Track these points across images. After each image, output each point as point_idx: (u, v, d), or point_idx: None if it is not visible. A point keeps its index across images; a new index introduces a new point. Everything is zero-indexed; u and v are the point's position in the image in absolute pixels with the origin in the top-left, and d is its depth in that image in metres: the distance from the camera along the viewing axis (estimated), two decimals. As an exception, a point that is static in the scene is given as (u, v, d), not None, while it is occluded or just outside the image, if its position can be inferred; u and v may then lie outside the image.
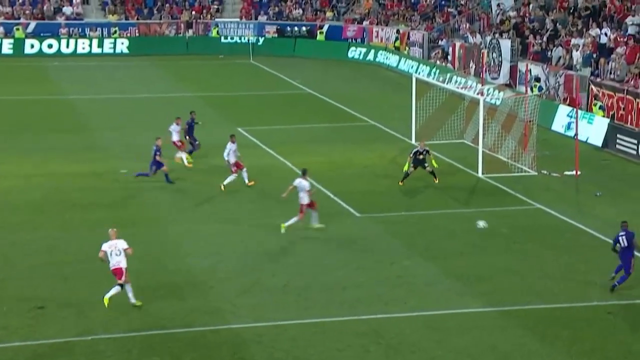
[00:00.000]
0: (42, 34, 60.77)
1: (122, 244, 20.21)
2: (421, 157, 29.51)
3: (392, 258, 23.12)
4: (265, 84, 50.69)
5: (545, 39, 44.72)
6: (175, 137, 31.77)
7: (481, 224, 25.11)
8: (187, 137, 32.51)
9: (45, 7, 62.77)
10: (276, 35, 62.75)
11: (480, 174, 31.09)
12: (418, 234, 25.14)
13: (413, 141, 35.11)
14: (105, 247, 20.29)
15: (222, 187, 28.65)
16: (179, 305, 20.05)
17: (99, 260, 20.18)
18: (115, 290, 19.81)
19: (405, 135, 36.21)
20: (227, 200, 28.12)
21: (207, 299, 20.48)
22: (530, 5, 49.37)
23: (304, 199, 25.07)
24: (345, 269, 22.28)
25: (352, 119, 40.97)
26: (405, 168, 29.66)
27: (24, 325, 19.09)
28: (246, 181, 29.18)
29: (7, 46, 59.77)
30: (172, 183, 29.33)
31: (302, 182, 25.16)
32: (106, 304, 19.52)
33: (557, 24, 45.33)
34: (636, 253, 21.18)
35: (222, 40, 62.26)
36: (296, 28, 62.89)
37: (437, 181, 29.63)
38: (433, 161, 30.23)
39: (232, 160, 28.99)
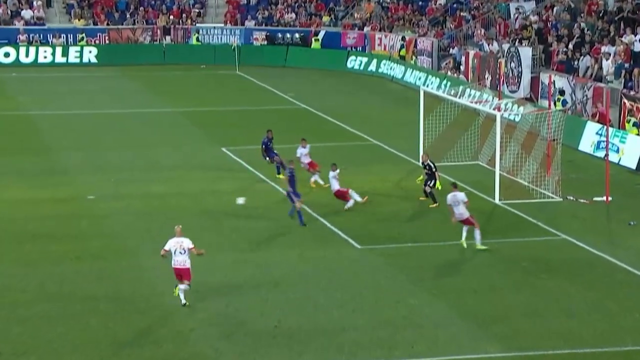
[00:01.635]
0: (-3, 41, 61.06)
1: (187, 242, 21.85)
2: (426, 171, 30.62)
3: (397, 296, 23.16)
4: (252, 98, 50.92)
5: (571, 46, 44.97)
6: (305, 160, 32.90)
7: (240, 200, 28.15)
8: (267, 158, 33.78)
9: (1, 11, 62.99)
10: (265, 42, 63.08)
11: (497, 200, 31.21)
12: (426, 269, 25.20)
13: (420, 163, 35.21)
14: (170, 244, 21.91)
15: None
16: (153, 351, 20.07)
17: (55, 299, 20.17)
18: (183, 292, 21.87)
19: (411, 155, 36.34)
20: (208, 227, 28.21)
21: (186, 343, 20.49)
22: (554, 9, 49.69)
23: (464, 213, 26.42)
24: (344, 308, 22.32)
25: (352, 137, 41.11)
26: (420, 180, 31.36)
27: (-25, 374, 19.10)
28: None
29: (-43, 55, 60.08)
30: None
31: (457, 195, 26.66)
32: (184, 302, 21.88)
33: (586, 30, 45.59)
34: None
35: (204, 48, 62.52)
36: (288, 35, 63.26)
37: (436, 205, 29.88)
38: (438, 183, 30.66)
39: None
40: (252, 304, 22.61)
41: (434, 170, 30.89)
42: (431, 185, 30.75)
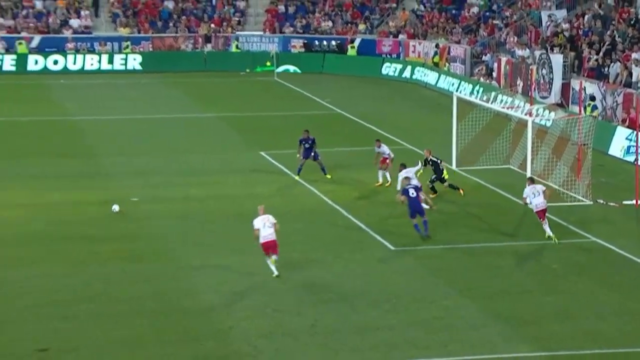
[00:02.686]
0: (46, 49, 61.64)
1: (272, 218, 24.30)
2: (431, 167, 31.57)
3: (431, 297, 23.12)
4: (290, 104, 51.04)
5: (601, 53, 44.67)
6: (380, 158, 33.48)
7: (115, 208, 29.04)
8: (303, 159, 33.82)
9: (50, 20, 63.61)
10: (303, 49, 63.16)
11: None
12: (459, 270, 25.13)
13: (454, 166, 35.18)
14: (258, 223, 24.17)
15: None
16: (195, 349, 20.17)
17: (101, 298, 20.28)
18: (273, 264, 24.04)
19: (445, 160, 36.20)
20: (245, 230, 28.25)
21: (226, 341, 20.58)
22: (585, 17, 49.38)
23: (542, 203, 27.32)
24: (379, 309, 22.31)
25: (386, 142, 40.91)
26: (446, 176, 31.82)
27: (24, 369, 19.31)
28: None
29: (9, 62, 60.66)
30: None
31: (536, 187, 27.56)
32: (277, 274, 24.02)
33: (616, 37, 45.27)
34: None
35: (243, 55, 62.67)
36: (325, 42, 63.32)
37: (462, 191, 31.13)
38: (445, 172, 31.76)
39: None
40: (289, 303, 22.66)
41: (439, 163, 31.55)
42: (441, 178, 31.45)
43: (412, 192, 27.35)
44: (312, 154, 33.78)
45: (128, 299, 22.93)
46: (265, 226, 24.16)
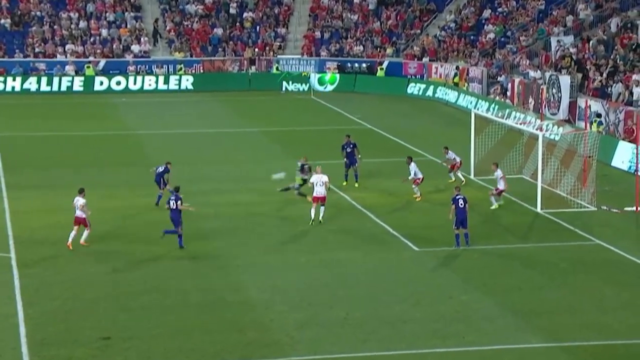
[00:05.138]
0: (111, 72, 62.03)
1: (325, 177, 28.43)
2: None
3: (450, 293, 22.92)
4: (325, 119, 50.93)
5: (605, 75, 44.23)
6: (448, 164, 34.21)
7: (278, 175, 30.22)
8: (347, 168, 34.00)
9: (114, 46, 64.10)
10: (337, 71, 63.08)
11: (539, 209, 30.73)
12: (476, 269, 24.90)
13: (472, 176, 34.92)
14: (314, 179, 28.45)
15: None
16: (238, 338, 20.11)
17: (156, 292, 20.28)
18: (320, 213, 28.04)
19: (464, 170, 35.96)
20: (285, 232, 28.25)
21: (266, 332, 20.51)
22: (591, 42, 48.91)
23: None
24: (404, 303, 22.15)
25: (411, 153, 40.74)
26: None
27: (88, 355, 19.31)
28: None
29: (78, 83, 61.08)
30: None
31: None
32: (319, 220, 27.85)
33: (618, 60, 44.84)
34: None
35: (284, 84, 62.40)
36: (356, 64, 63.20)
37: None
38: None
39: (420, 175, 32.16)
40: (323, 298, 22.54)
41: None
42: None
43: (461, 203, 26.12)
44: (353, 157, 33.75)
45: (178, 292, 22.92)
46: (318, 184, 28.31)
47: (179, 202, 26.47)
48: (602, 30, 49.22)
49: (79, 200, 26.56)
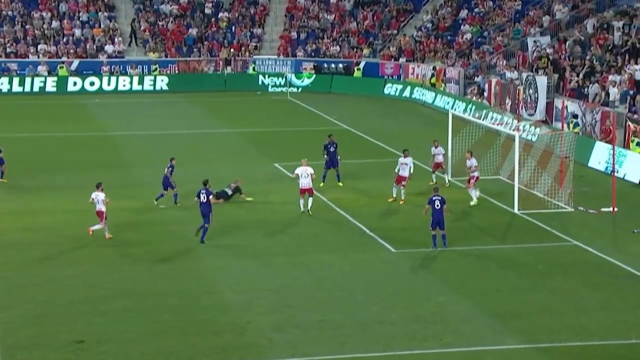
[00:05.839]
0: (84, 72, 61.70)
1: (310, 170, 29.20)
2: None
3: (428, 294, 22.99)
4: (301, 120, 50.94)
5: (582, 75, 44.53)
6: (436, 160, 34.05)
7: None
8: (326, 168, 33.80)
9: (88, 46, 63.78)
10: (313, 71, 63.11)
11: (516, 210, 30.89)
12: (453, 271, 24.99)
13: (449, 177, 35.03)
14: (298, 170, 29.25)
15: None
16: (214, 340, 20.08)
17: (131, 295, 20.24)
18: (308, 204, 28.96)
19: (440, 171, 36.06)
20: (262, 234, 28.22)
21: (243, 334, 20.48)
22: (567, 43, 49.23)
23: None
24: (381, 305, 22.19)
25: (388, 154, 40.93)
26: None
27: (62, 359, 19.19)
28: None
29: (51, 84, 60.74)
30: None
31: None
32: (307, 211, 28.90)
33: (594, 61, 45.16)
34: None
35: (260, 78, 62.57)
36: (333, 65, 63.27)
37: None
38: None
39: (405, 174, 31.81)
40: (300, 300, 22.55)
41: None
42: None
43: (437, 204, 26.21)
44: (336, 158, 33.91)
45: (154, 295, 22.86)
46: (303, 175, 29.09)
47: (210, 196, 27.10)
48: (579, 31, 49.57)
49: (99, 195, 27.47)
